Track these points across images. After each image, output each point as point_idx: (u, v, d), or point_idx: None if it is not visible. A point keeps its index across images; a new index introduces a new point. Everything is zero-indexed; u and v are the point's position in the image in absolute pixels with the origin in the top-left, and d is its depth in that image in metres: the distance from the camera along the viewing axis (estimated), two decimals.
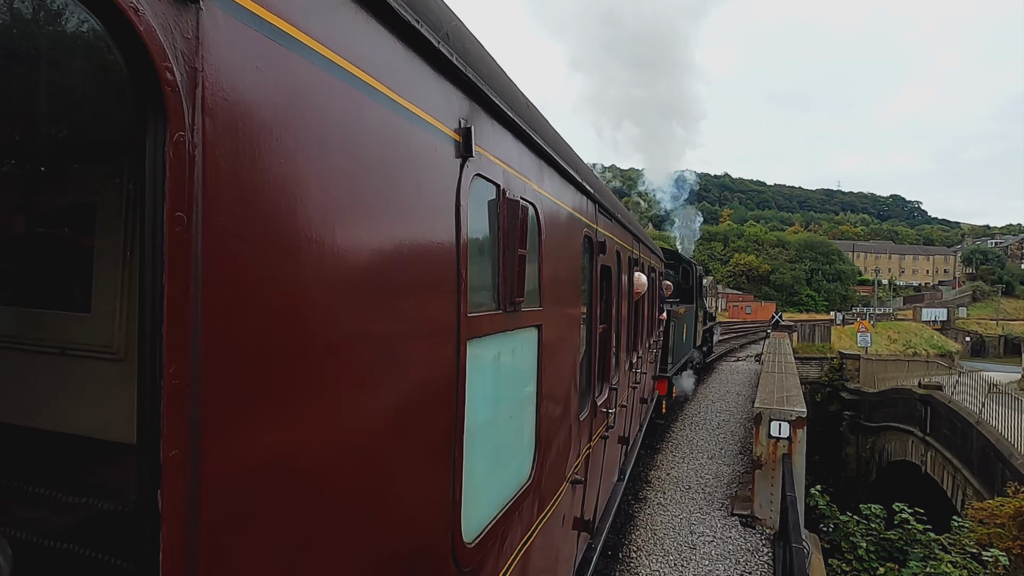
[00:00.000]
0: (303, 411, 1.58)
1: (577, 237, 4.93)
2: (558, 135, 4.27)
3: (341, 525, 1.77)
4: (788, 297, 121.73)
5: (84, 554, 1.82)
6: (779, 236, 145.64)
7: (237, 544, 1.38)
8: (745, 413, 19.31)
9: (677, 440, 15.79)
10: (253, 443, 1.42)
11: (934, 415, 21.11)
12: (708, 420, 18.32)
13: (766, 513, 10.49)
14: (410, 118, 2.10)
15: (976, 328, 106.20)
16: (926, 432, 21.59)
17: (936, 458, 20.72)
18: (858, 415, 29.88)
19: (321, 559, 1.67)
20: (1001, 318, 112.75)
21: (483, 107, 2.74)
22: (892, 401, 26.03)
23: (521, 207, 3.22)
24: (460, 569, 2.59)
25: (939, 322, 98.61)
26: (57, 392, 2.21)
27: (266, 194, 1.43)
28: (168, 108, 1.18)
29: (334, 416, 1.71)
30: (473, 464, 2.75)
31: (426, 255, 2.24)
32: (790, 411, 10.70)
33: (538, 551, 3.98)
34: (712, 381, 26.34)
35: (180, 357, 1.20)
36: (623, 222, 7.49)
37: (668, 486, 12.26)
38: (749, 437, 15.83)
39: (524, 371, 3.71)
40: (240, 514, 1.38)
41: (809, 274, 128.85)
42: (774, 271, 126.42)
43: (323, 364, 1.65)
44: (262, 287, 1.43)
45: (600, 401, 6.22)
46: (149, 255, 1.18)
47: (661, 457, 14.26)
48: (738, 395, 22.83)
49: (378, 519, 1.99)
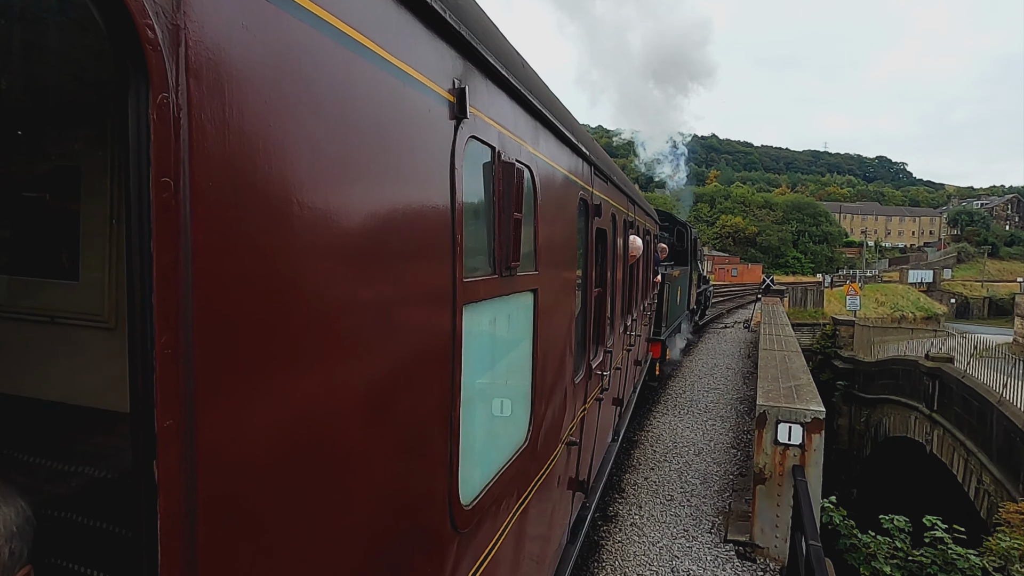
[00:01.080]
0: (299, 378, 1.55)
1: (573, 200, 4.87)
2: (554, 96, 4.17)
3: (339, 491, 1.75)
4: (774, 259, 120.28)
5: (82, 522, 1.83)
6: (766, 197, 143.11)
7: (236, 511, 1.36)
8: (737, 393, 16.99)
9: (659, 430, 13.41)
10: (249, 411, 1.39)
11: (943, 391, 18.95)
12: (694, 402, 15.96)
13: (769, 540, 8.12)
14: (402, 78, 2.03)
15: (961, 290, 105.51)
16: (933, 409, 19.47)
17: (945, 438, 18.64)
18: (852, 385, 27.86)
19: (319, 525, 1.65)
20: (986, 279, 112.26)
21: (477, 67, 2.67)
22: (892, 372, 23.90)
23: (517, 170, 3.16)
24: (458, 531, 2.62)
25: (925, 284, 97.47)
26: (48, 361, 2.19)
27: (256, 158, 1.38)
28: (150, 68, 1.13)
29: (330, 382, 1.68)
30: (470, 428, 2.76)
31: (420, 219, 2.19)
32: (803, 411, 8.23)
33: (534, 512, 4.02)
34: (698, 351, 24.05)
35: (172, 326, 1.18)
36: (619, 185, 7.41)
37: (645, 497, 9.86)
38: (742, 425, 13.45)
39: (520, 335, 3.72)
40: (238, 482, 1.36)
41: (796, 236, 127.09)
42: (760, 233, 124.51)
43: (318, 330, 1.62)
44: (255, 254, 1.39)
45: (595, 364, 6.17)
46: (136, 222, 1.14)
47: (640, 453, 11.86)
48: (727, 369, 20.53)
49: (375, 484, 1.96)
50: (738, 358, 22.68)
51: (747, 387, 17.55)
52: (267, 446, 1.45)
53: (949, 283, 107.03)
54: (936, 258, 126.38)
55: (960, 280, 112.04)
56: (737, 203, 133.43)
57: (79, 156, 2.12)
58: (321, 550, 1.67)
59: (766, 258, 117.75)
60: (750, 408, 14.31)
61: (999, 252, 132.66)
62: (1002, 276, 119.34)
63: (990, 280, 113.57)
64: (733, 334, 29.39)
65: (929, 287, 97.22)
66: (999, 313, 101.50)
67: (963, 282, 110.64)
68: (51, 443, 2.02)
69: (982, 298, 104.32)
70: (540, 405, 3.92)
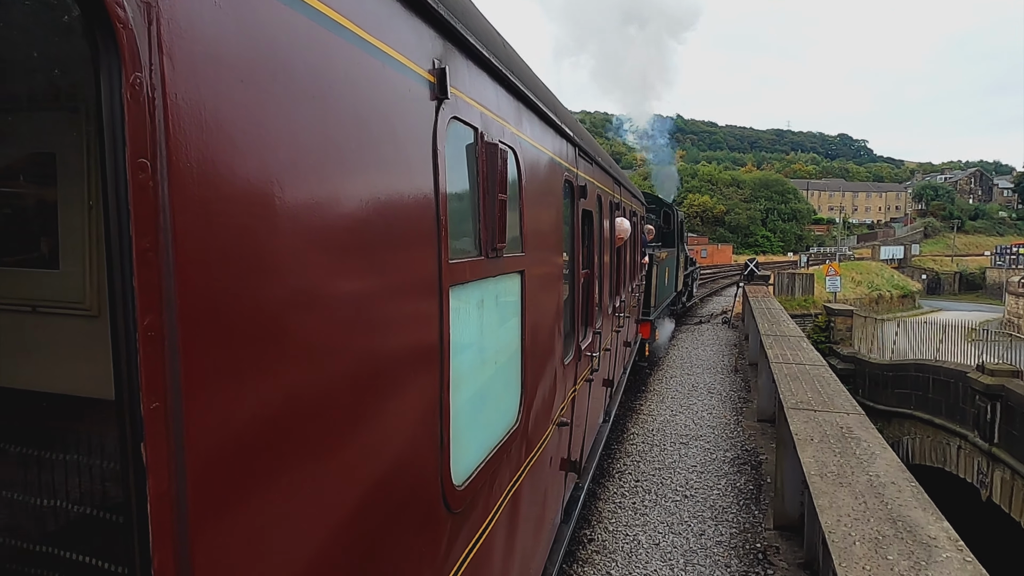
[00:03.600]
0: (285, 358, 1.52)
1: (558, 181, 4.80)
2: (536, 77, 4.09)
3: (330, 472, 1.72)
4: (743, 239, 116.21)
5: (72, 509, 1.84)
6: (733, 175, 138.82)
7: (226, 491, 1.34)
8: (729, 441, 11.12)
9: (617, 521, 7.46)
10: (237, 391, 1.37)
11: (1009, 417, 13.49)
12: (666, 468, 10.04)
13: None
14: (381, 58, 1.98)
15: (932, 265, 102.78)
16: (992, 441, 14.03)
17: (1015, 485, 13.19)
18: (855, 390, 22.40)
19: (311, 506, 1.63)
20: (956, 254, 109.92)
21: (458, 47, 2.61)
22: (916, 381, 18.48)
23: (500, 151, 3.12)
24: (451, 512, 2.60)
25: (896, 260, 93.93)
26: (31, 351, 2.18)
27: (234, 137, 1.35)
28: (122, 47, 1.10)
29: (316, 361, 1.65)
30: (460, 409, 2.73)
31: (404, 199, 2.15)
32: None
33: (527, 492, 3.99)
34: (669, 363, 18.25)
35: (154, 309, 1.16)
36: (604, 166, 7.38)
37: None
38: (737, 506, 7.56)
39: (508, 317, 3.65)
40: (228, 462, 1.35)
41: (764, 214, 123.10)
42: (729, 212, 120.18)
43: (302, 310, 1.59)
44: (236, 234, 1.36)
45: (584, 345, 6.13)
46: (113, 205, 1.12)
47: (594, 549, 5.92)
48: (710, 394, 14.74)
49: (367, 466, 1.93)
50: (722, 375, 16.89)
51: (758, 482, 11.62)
52: (255, 426, 1.42)
53: (919, 259, 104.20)
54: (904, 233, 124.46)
55: (930, 255, 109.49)
56: (704, 182, 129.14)
57: (52, 140, 2.06)
58: (313, 530, 1.64)
59: (735, 237, 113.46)
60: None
61: (965, 226, 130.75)
62: (969, 250, 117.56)
63: (959, 255, 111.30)
64: (711, 333, 23.67)
65: (900, 263, 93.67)
66: (969, 288, 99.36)
67: (933, 257, 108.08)
68: (35, 432, 2.00)
69: (953, 273, 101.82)
70: (530, 386, 3.92)
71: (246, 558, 1.39)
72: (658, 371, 17.00)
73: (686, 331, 23.98)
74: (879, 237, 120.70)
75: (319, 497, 1.65)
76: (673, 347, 20.92)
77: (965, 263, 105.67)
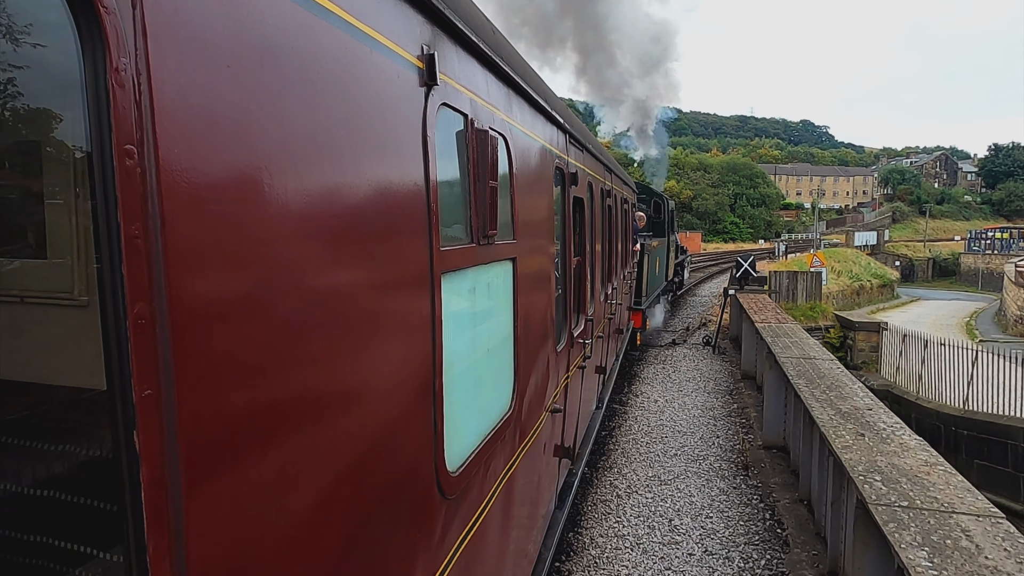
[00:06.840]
0: (276, 344, 1.51)
1: (549, 169, 4.80)
2: (526, 64, 4.12)
3: (323, 457, 1.71)
4: (712, 225, 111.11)
5: (65, 500, 1.82)
6: (700, 159, 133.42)
7: (220, 478, 1.34)
8: None
9: None
10: (230, 378, 1.37)
11: None
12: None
13: None
14: (369, 43, 1.96)
15: (905, 251, 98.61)
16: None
17: None
18: None
19: (304, 491, 1.63)
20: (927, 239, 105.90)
21: (446, 32, 2.60)
22: (994, 444, 11.54)
23: (490, 137, 3.13)
24: (445, 497, 2.60)
25: (869, 246, 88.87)
26: (20, 341, 2.14)
27: (221, 125, 1.34)
28: (105, 31, 1.08)
29: (308, 347, 1.64)
30: (453, 396, 2.74)
31: (394, 187, 2.14)
32: None
33: (521, 478, 4.01)
34: (633, 411, 10.99)
35: (144, 296, 1.15)
36: (595, 153, 7.37)
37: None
38: None
39: (500, 304, 3.65)
40: (221, 448, 1.34)
41: (733, 199, 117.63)
42: (696, 197, 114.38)
43: (293, 297, 1.58)
44: (225, 221, 1.35)
45: (577, 332, 6.15)
46: (100, 192, 1.11)
47: None
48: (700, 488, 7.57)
49: (359, 452, 1.93)
50: (714, 452, 9.75)
51: None
52: (248, 412, 1.42)
53: (892, 245, 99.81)
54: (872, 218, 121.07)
55: (903, 241, 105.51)
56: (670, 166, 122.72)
57: (37, 129, 1.98)
58: (308, 516, 1.64)
59: (703, 224, 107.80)
60: None
61: (931, 211, 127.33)
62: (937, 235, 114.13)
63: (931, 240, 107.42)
64: (690, 364, 16.38)
65: (873, 249, 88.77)
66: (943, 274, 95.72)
67: (906, 243, 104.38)
68: (25, 422, 2.01)
69: (926, 259, 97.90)
70: (523, 373, 3.93)
71: (240, 543, 1.39)
72: (626, 411, 9.73)
73: (652, 362, 16.58)
74: (848, 223, 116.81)
75: (312, 481, 1.65)
76: (640, 378, 13.70)
77: (937, 248, 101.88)
